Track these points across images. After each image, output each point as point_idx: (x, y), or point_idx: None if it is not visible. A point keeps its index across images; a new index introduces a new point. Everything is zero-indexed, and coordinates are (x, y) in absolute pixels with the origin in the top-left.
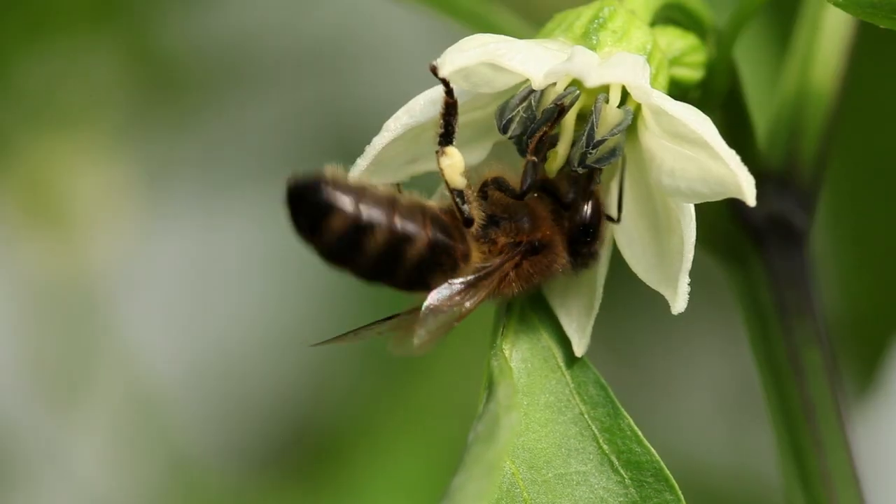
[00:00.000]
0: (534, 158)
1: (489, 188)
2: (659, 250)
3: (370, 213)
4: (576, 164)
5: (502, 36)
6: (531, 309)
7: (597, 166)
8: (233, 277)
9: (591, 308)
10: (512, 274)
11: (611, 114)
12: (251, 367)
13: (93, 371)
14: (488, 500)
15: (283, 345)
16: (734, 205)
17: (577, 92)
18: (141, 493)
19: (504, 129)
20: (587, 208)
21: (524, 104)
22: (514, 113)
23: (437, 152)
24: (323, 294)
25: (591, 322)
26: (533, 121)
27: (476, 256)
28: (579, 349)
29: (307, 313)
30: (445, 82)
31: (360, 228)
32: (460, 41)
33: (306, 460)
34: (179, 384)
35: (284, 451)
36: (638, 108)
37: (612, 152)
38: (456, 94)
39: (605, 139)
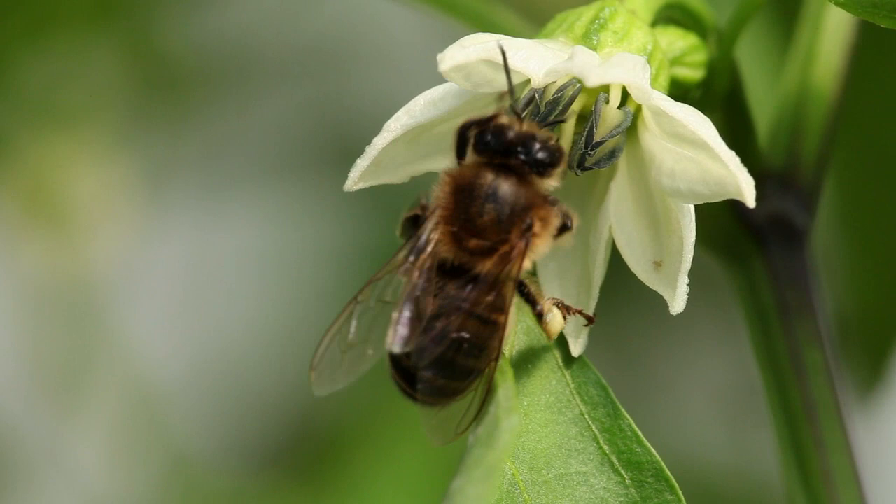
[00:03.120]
0: None
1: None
2: (658, 250)
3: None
4: (574, 166)
5: (503, 35)
6: None
7: (596, 167)
8: (233, 277)
9: (588, 309)
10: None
11: (611, 114)
12: (251, 367)
13: (93, 371)
14: (488, 502)
15: (283, 345)
16: (735, 204)
17: (579, 85)
18: (141, 493)
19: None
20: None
21: (530, 107)
22: (521, 116)
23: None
24: (323, 294)
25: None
26: (542, 120)
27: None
28: (576, 349)
29: (307, 313)
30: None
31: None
32: (461, 39)
33: (306, 460)
34: (179, 384)
35: (284, 451)
36: (638, 108)
37: (612, 154)
38: (456, 92)
39: (605, 140)
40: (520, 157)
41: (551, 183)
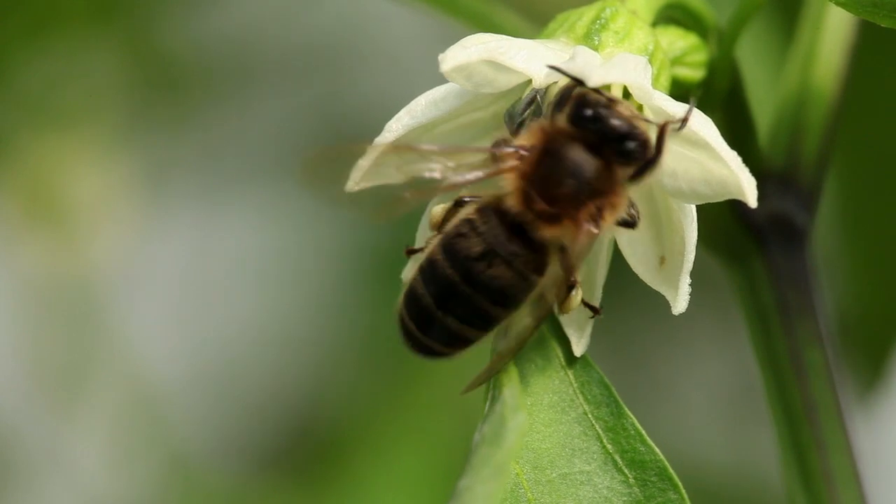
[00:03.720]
0: None
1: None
2: (660, 250)
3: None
4: None
5: (504, 35)
6: None
7: None
8: (233, 277)
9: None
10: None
11: None
12: (251, 367)
13: (93, 371)
14: (496, 500)
15: (283, 344)
16: (735, 204)
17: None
18: (141, 493)
19: (515, 133)
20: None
21: (532, 107)
22: (523, 117)
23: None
24: (323, 293)
25: (591, 322)
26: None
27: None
28: (578, 349)
29: (307, 313)
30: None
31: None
32: (462, 39)
33: (306, 460)
34: (179, 384)
35: (284, 451)
36: (639, 108)
37: None
38: (458, 93)
39: None
40: (614, 146)
41: (628, 172)
